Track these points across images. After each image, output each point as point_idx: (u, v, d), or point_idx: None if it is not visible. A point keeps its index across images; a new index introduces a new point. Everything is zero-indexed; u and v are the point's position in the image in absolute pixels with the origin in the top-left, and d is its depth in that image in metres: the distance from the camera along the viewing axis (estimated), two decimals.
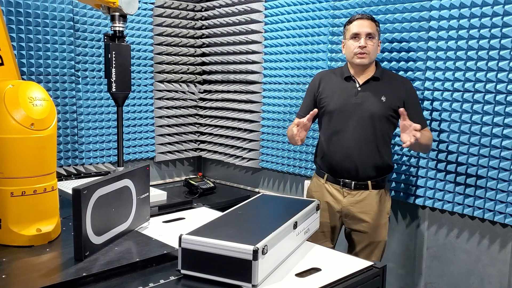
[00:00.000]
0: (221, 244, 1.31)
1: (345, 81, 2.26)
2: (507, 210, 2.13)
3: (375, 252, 2.26)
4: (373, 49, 2.18)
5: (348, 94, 2.22)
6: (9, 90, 1.61)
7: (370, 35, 2.17)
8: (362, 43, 2.15)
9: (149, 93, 3.42)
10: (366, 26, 2.17)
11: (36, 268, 1.45)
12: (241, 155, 3.42)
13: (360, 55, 2.17)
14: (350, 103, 2.20)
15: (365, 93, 2.20)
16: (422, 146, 2.15)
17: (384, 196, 2.27)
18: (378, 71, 2.24)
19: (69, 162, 3.01)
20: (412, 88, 2.26)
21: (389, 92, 2.19)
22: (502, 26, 2.08)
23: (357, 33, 2.17)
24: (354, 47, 2.18)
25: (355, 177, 2.22)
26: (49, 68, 2.83)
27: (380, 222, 2.25)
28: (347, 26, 2.25)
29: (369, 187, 2.22)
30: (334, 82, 2.29)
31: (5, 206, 1.62)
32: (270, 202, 1.90)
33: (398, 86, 2.22)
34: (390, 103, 2.18)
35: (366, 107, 2.18)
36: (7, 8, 2.64)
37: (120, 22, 2.35)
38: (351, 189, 2.23)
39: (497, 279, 2.24)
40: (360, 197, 2.23)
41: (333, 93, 2.26)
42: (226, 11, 3.44)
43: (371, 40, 2.17)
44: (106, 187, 1.55)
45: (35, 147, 1.63)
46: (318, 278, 1.41)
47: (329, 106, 2.25)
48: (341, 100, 2.23)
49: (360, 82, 2.23)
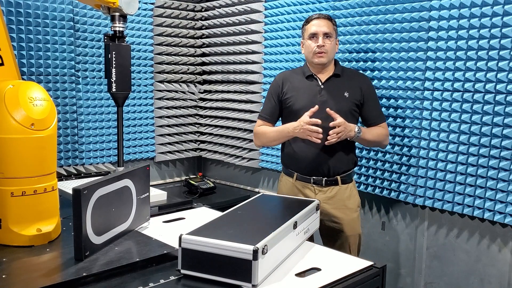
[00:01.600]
0: (221, 244, 1.31)
1: (307, 80, 2.30)
2: (507, 210, 2.13)
3: (352, 247, 2.29)
4: (331, 47, 2.23)
5: (312, 92, 2.27)
6: (9, 90, 1.62)
7: (327, 34, 2.22)
8: (320, 42, 2.21)
9: (149, 93, 3.42)
10: (323, 26, 2.23)
11: (36, 268, 1.45)
12: (241, 155, 3.43)
13: (319, 55, 2.22)
14: (316, 101, 2.22)
15: (328, 90, 2.26)
16: (369, 142, 2.28)
17: (353, 190, 2.33)
18: (338, 68, 2.31)
19: (69, 162, 3.01)
20: (370, 82, 2.36)
21: (350, 88, 2.26)
22: (501, 26, 2.08)
23: (314, 32, 2.23)
24: (312, 47, 2.23)
25: (326, 174, 2.26)
26: (49, 68, 2.83)
27: (353, 216, 2.30)
28: (305, 26, 2.30)
29: (339, 182, 2.27)
30: (297, 81, 2.32)
31: (5, 206, 1.62)
32: (270, 202, 1.90)
33: (358, 82, 2.30)
34: (352, 98, 2.25)
35: (331, 104, 2.21)
36: (7, 8, 2.64)
37: (120, 22, 2.35)
38: (322, 186, 2.26)
39: (497, 279, 2.24)
40: (331, 193, 2.27)
41: (297, 92, 2.29)
42: (226, 11, 3.44)
43: (328, 39, 2.23)
44: (106, 187, 1.55)
45: (35, 147, 1.63)
46: (318, 278, 1.42)
47: (295, 105, 2.28)
48: (306, 98, 2.26)
49: (322, 80, 2.27)
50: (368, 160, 2.66)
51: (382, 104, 2.52)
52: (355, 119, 2.28)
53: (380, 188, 2.62)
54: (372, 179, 2.65)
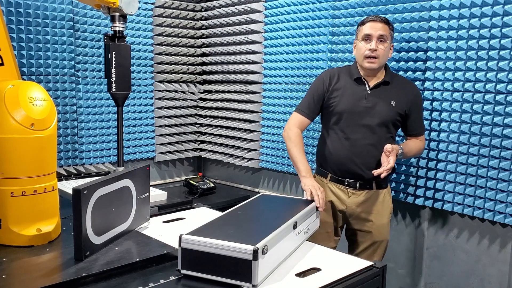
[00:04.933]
0: (221, 244, 1.32)
1: (355, 82, 2.22)
2: (507, 210, 2.13)
3: (377, 251, 2.26)
4: (384, 53, 2.13)
5: (358, 96, 2.19)
6: (9, 90, 1.62)
7: (382, 38, 2.11)
8: (373, 46, 2.10)
9: (149, 93, 3.42)
10: (379, 29, 2.11)
11: (36, 268, 1.45)
12: (241, 155, 3.42)
13: (370, 60, 2.12)
14: (361, 106, 2.17)
15: (375, 97, 2.18)
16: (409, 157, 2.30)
17: (387, 196, 2.27)
18: (388, 75, 2.22)
19: (69, 162, 3.01)
20: (419, 94, 2.26)
21: (398, 97, 2.18)
22: (502, 26, 2.08)
23: (369, 34, 2.12)
24: (365, 49, 2.13)
25: (360, 177, 2.21)
26: (49, 68, 2.83)
27: (384, 222, 2.25)
28: (359, 27, 2.20)
29: (374, 187, 2.22)
30: (343, 82, 2.24)
31: (5, 206, 1.62)
32: (270, 202, 1.90)
33: (407, 92, 2.21)
34: (398, 108, 2.17)
35: (376, 112, 2.16)
36: (7, 8, 2.64)
37: (120, 22, 2.36)
38: (356, 189, 2.22)
39: (497, 279, 2.24)
40: (364, 197, 2.22)
41: (343, 93, 2.21)
42: (226, 11, 3.44)
43: (382, 44, 2.12)
44: (106, 187, 1.55)
45: (35, 147, 1.63)
46: (318, 278, 1.42)
47: (338, 107, 2.21)
48: (351, 102, 2.19)
49: (370, 85, 2.20)
50: None
51: None
52: (396, 128, 2.23)
53: None
54: None
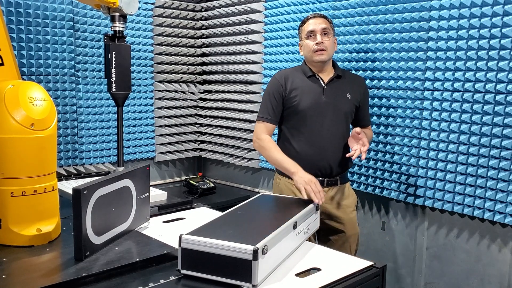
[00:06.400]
0: (221, 244, 1.31)
1: (309, 79, 2.26)
2: (507, 210, 2.13)
3: (352, 246, 2.30)
4: (330, 44, 2.21)
5: (317, 92, 2.23)
6: (9, 90, 1.62)
7: (325, 31, 2.20)
8: (319, 39, 2.18)
9: (149, 93, 3.42)
10: (320, 23, 2.21)
11: (36, 268, 1.45)
12: (241, 155, 3.43)
13: (319, 52, 2.19)
14: (321, 102, 2.22)
15: (332, 91, 2.25)
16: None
17: (350, 189, 2.35)
18: (339, 70, 2.31)
19: (69, 162, 3.01)
20: (367, 86, 2.41)
21: (352, 90, 2.28)
22: (502, 26, 2.08)
23: (312, 30, 2.21)
24: (312, 45, 2.20)
25: (329, 174, 2.25)
26: (49, 68, 2.83)
27: (352, 215, 2.31)
28: (301, 27, 2.28)
29: (338, 182, 2.28)
30: (299, 81, 2.26)
31: (5, 206, 1.62)
32: (270, 202, 1.90)
33: (358, 84, 2.33)
34: (354, 100, 2.28)
35: (336, 105, 2.23)
36: (7, 8, 2.64)
37: (120, 22, 2.35)
38: (324, 186, 2.21)
39: (497, 279, 2.24)
40: (332, 193, 2.27)
41: (301, 92, 2.23)
42: (226, 11, 3.44)
43: (326, 36, 2.21)
44: (106, 187, 1.55)
45: (35, 147, 1.63)
46: (318, 278, 1.42)
47: (300, 105, 2.22)
48: (312, 99, 2.22)
49: (325, 80, 2.26)
50: (368, 160, 2.65)
51: (382, 104, 2.54)
52: (351, 120, 2.32)
53: (380, 188, 2.62)
54: (372, 179, 2.64)
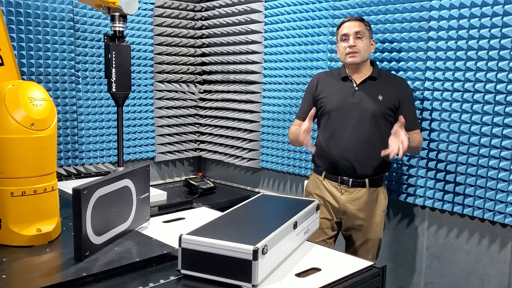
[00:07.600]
0: (221, 244, 1.31)
1: (342, 81, 2.30)
2: (507, 210, 2.13)
3: (370, 249, 2.29)
4: (364, 47, 2.21)
5: (345, 93, 2.26)
6: (9, 90, 1.61)
7: (358, 34, 2.20)
8: (351, 43, 2.19)
9: (149, 93, 3.42)
10: (354, 26, 2.22)
11: (36, 268, 1.45)
12: (241, 155, 3.42)
13: (351, 55, 2.21)
14: (348, 103, 2.23)
15: (362, 93, 2.23)
16: (410, 149, 2.07)
17: (381, 194, 2.30)
18: (375, 71, 2.28)
19: (69, 162, 3.01)
20: (408, 87, 2.29)
21: (385, 91, 2.22)
22: (502, 26, 2.08)
23: (345, 33, 2.22)
24: (344, 48, 2.22)
25: (353, 174, 2.25)
26: (49, 68, 2.83)
27: (376, 220, 2.28)
28: (337, 31, 2.30)
29: (366, 184, 2.25)
30: (331, 82, 2.32)
31: (5, 206, 1.62)
32: (270, 202, 1.90)
33: (394, 85, 2.26)
34: (386, 102, 2.21)
35: (363, 106, 2.21)
36: (7, 8, 2.64)
37: (120, 22, 2.35)
38: (349, 186, 2.26)
39: (497, 279, 2.24)
40: (357, 195, 2.26)
41: (331, 93, 2.29)
42: (226, 11, 3.44)
43: (360, 40, 2.20)
44: (106, 187, 1.55)
45: (35, 147, 1.63)
46: (318, 278, 1.41)
47: (328, 106, 2.28)
48: (339, 99, 2.26)
49: (357, 82, 2.26)
50: None
51: None
52: (389, 123, 2.21)
53: None
54: None
